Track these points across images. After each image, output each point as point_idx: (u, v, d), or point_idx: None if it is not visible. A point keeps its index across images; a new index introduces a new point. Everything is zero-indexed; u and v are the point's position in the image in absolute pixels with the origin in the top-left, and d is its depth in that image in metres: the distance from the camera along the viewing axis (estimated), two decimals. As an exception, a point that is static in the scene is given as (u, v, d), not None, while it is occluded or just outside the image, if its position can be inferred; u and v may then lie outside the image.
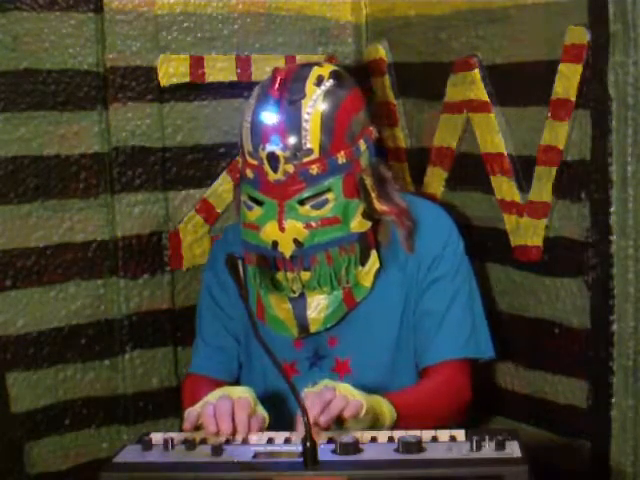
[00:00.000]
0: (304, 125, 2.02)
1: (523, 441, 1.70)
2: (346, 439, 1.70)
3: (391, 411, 1.92)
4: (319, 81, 2.07)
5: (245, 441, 1.80)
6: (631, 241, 2.01)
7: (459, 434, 1.75)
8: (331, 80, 2.08)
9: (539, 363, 2.26)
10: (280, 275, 2.09)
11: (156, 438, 1.78)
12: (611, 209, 2.03)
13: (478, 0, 2.31)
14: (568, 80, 2.09)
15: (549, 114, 2.14)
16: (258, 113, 2.05)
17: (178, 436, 1.80)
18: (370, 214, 2.10)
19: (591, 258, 2.09)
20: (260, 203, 2.07)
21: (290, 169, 2.02)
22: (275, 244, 2.05)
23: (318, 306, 2.10)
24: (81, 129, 2.36)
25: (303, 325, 2.12)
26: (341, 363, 2.16)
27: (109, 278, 2.42)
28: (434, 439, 1.74)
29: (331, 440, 1.74)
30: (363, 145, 2.10)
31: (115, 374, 2.44)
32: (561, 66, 2.10)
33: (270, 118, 2.03)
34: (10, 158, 2.26)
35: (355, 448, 1.68)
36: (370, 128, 2.14)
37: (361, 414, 1.83)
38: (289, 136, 2.02)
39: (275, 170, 2.02)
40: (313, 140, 2.02)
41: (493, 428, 2.35)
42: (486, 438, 1.68)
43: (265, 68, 2.47)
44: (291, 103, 2.03)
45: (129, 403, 2.44)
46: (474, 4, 2.32)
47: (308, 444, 1.64)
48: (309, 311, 2.10)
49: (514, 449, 1.66)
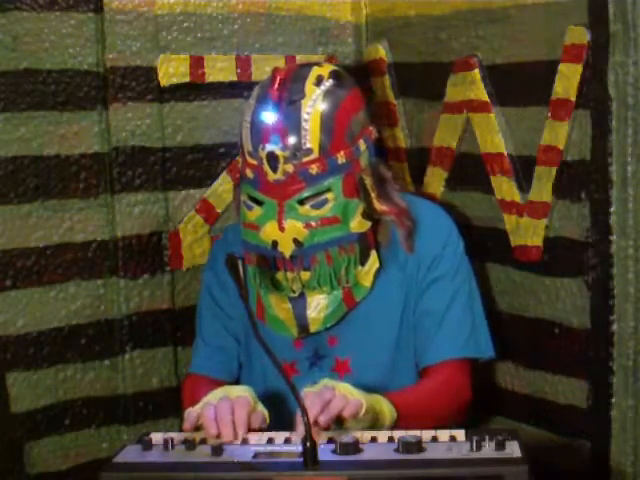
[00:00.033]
0: (303, 125, 2.02)
1: (523, 441, 1.70)
2: (346, 439, 1.70)
3: (391, 410, 1.91)
4: (319, 81, 2.07)
5: (245, 441, 1.80)
6: (631, 241, 2.01)
7: (459, 434, 1.75)
8: (331, 80, 2.08)
9: (539, 363, 2.26)
10: (280, 275, 2.09)
11: (156, 438, 1.78)
12: (611, 209, 2.03)
13: (478, 0, 2.31)
14: (568, 80, 2.09)
15: (549, 114, 2.14)
16: (258, 113, 2.05)
17: (178, 436, 1.80)
18: (370, 214, 2.10)
19: (591, 258, 2.09)
20: (260, 203, 2.07)
21: (290, 169, 2.02)
22: (275, 244, 2.05)
23: (318, 306, 2.10)
24: (81, 129, 2.36)
25: (303, 325, 2.12)
26: (341, 363, 2.16)
27: (109, 278, 2.42)
28: (434, 439, 1.74)
29: (331, 440, 1.74)
30: (363, 145, 2.10)
31: (115, 374, 2.43)
32: (561, 66, 2.10)
33: (270, 118, 2.03)
34: (10, 158, 2.26)
35: (355, 448, 1.68)
36: (370, 128, 2.14)
37: (361, 413, 1.83)
38: (289, 136, 2.02)
39: (275, 170, 2.02)
40: (313, 140, 2.02)
41: (493, 428, 2.34)
42: (486, 438, 1.68)
43: (265, 68, 2.47)
44: (291, 103, 2.03)
45: (129, 403, 2.44)
46: (474, 4, 2.32)
47: (308, 444, 1.64)
48: (309, 311, 2.10)
49: (514, 449, 1.66)
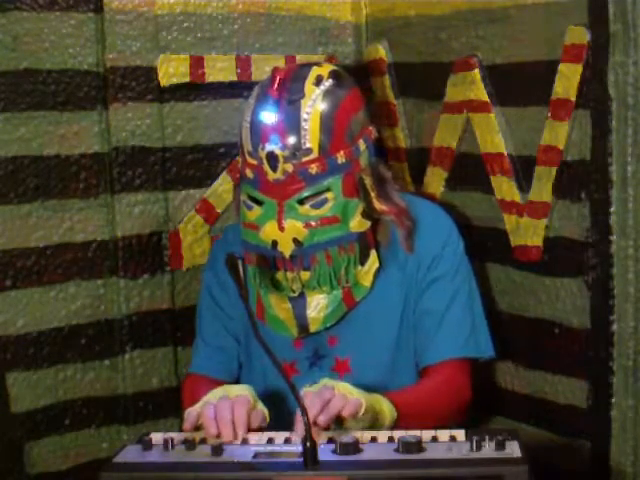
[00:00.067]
0: (303, 125, 2.02)
1: (523, 441, 1.70)
2: (346, 439, 1.69)
3: (391, 410, 1.91)
4: (318, 81, 2.07)
5: (245, 441, 1.80)
6: (631, 241, 2.01)
7: (459, 434, 1.75)
8: (330, 80, 2.08)
9: (539, 363, 2.26)
10: (280, 275, 2.09)
11: (156, 438, 1.78)
12: (611, 209, 2.03)
13: (478, 0, 2.31)
14: (568, 80, 2.09)
15: (549, 114, 2.14)
16: (257, 113, 2.05)
17: (178, 436, 1.80)
18: (369, 214, 2.10)
19: (591, 258, 2.09)
20: (260, 203, 2.07)
21: (289, 168, 2.02)
22: (275, 244, 2.05)
23: (318, 306, 2.10)
24: (81, 129, 2.36)
25: (303, 325, 2.11)
26: (341, 362, 2.16)
27: (109, 278, 2.42)
28: (434, 439, 1.74)
29: (331, 440, 1.74)
30: (362, 145, 2.10)
31: (115, 374, 2.43)
32: (561, 66, 2.10)
33: (269, 118, 2.03)
34: (10, 158, 2.26)
35: (355, 448, 1.68)
36: (370, 128, 2.14)
37: (360, 413, 1.83)
38: (288, 135, 2.02)
39: (274, 169, 2.02)
40: (312, 139, 2.02)
41: (493, 428, 2.34)
42: (486, 438, 1.68)
43: (265, 68, 2.47)
44: (290, 103, 2.03)
45: (129, 403, 2.44)
46: (474, 4, 2.32)
47: (308, 444, 1.64)
48: (309, 311, 2.10)
49: (514, 449, 1.66)
